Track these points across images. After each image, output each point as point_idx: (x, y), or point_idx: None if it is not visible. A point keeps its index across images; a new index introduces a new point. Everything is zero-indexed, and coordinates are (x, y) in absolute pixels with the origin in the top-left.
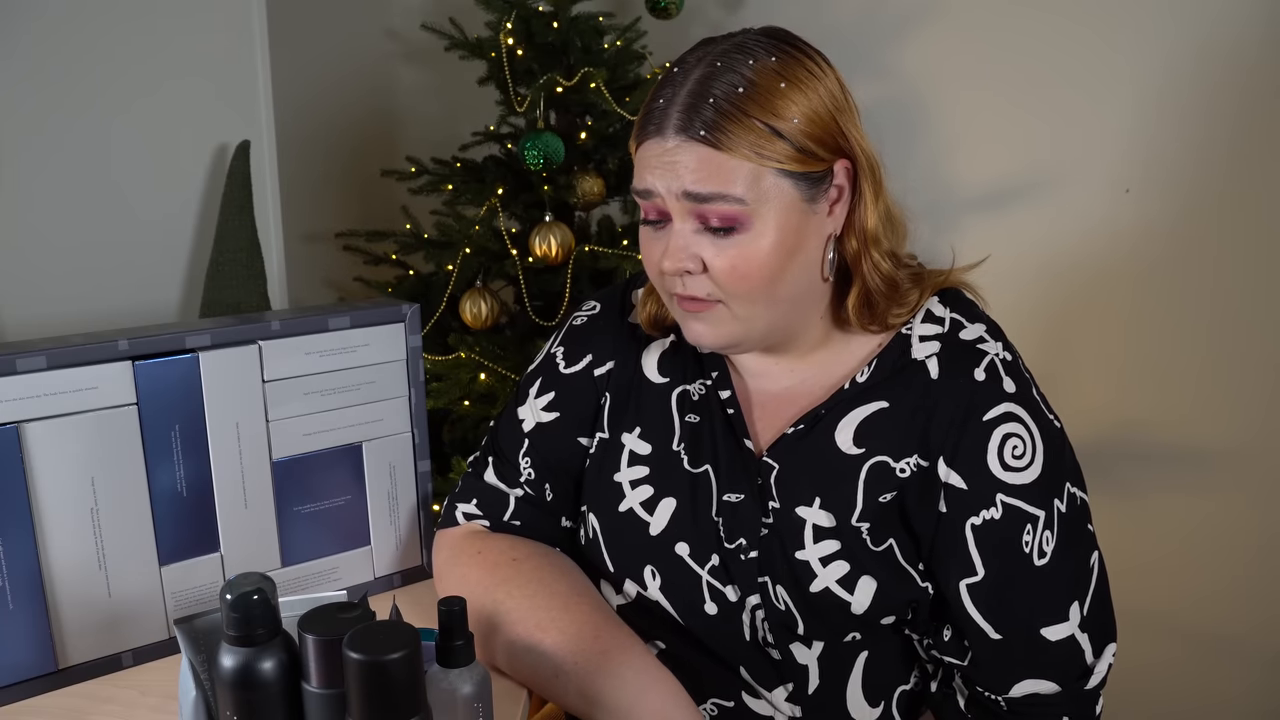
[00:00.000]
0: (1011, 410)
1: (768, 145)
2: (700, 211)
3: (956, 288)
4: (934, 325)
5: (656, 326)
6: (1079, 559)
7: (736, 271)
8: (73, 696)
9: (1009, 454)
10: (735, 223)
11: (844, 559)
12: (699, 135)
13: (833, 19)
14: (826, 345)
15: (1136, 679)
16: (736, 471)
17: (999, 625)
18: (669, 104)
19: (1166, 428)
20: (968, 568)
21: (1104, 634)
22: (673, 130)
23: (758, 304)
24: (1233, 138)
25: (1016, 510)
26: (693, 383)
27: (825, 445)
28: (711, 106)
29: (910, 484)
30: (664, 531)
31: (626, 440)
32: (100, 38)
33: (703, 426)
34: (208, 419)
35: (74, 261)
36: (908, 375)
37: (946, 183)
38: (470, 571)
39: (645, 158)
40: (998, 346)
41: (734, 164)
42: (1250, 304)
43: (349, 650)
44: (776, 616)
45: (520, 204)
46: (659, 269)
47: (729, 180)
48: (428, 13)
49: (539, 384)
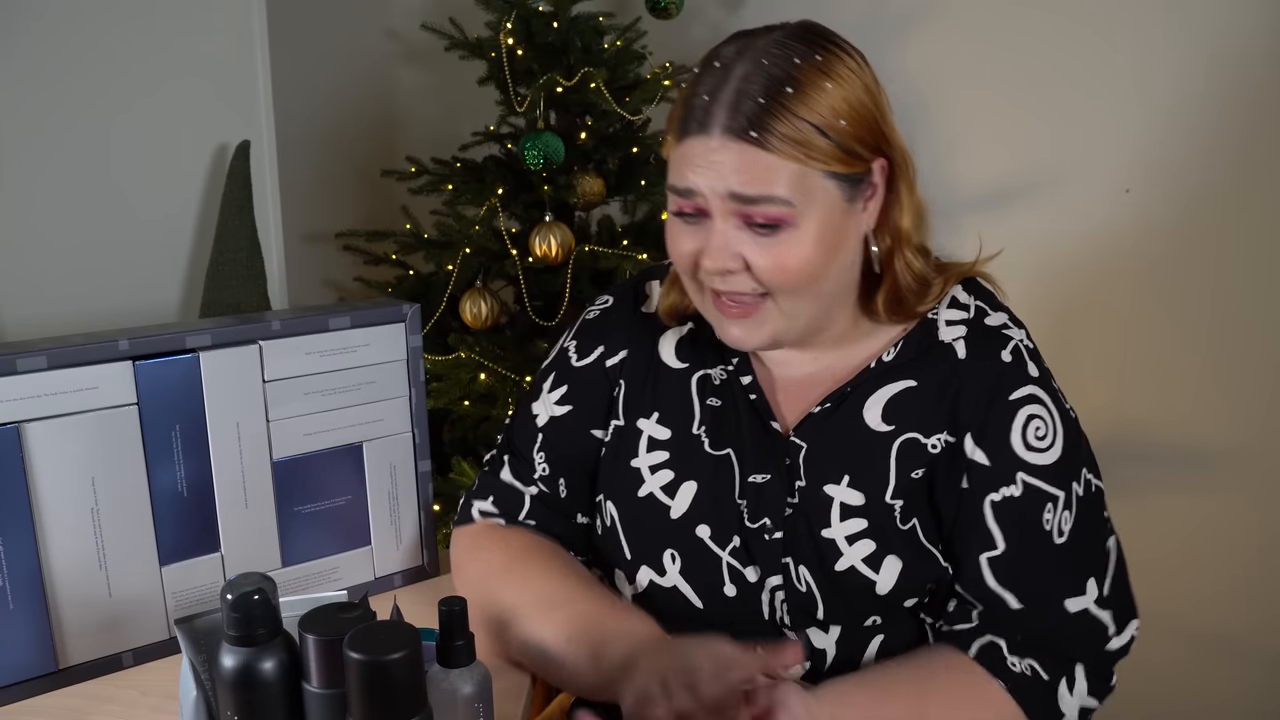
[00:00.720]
0: (1035, 393)
1: (815, 146)
2: (744, 212)
3: (978, 278)
4: (960, 311)
5: (676, 317)
6: (1097, 540)
7: (780, 268)
8: (73, 696)
9: (1032, 434)
10: (780, 222)
11: (870, 537)
12: (748, 136)
13: (833, 19)
14: (851, 335)
15: (1136, 679)
16: (762, 452)
17: (1020, 596)
18: (713, 101)
19: (1166, 428)
20: (988, 542)
21: (1126, 611)
22: (719, 129)
23: (803, 299)
24: (1233, 137)
25: (1036, 490)
26: (713, 367)
27: (854, 423)
28: (760, 106)
29: (940, 460)
30: (685, 514)
31: (644, 426)
32: (100, 38)
33: (725, 410)
34: (208, 419)
35: (74, 261)
36: (934, 356)
37: (947, 183)
38: (494, 556)
39: (687, 155)
40: (1021, 334)
41: (780, 165)
42: (1250, 304)
43: (350, 650)
44: (797, 599)
45: (520, 204)
46: (692, 263)
47: (775, 181)
48: (428, 13)
49: (553, 378)
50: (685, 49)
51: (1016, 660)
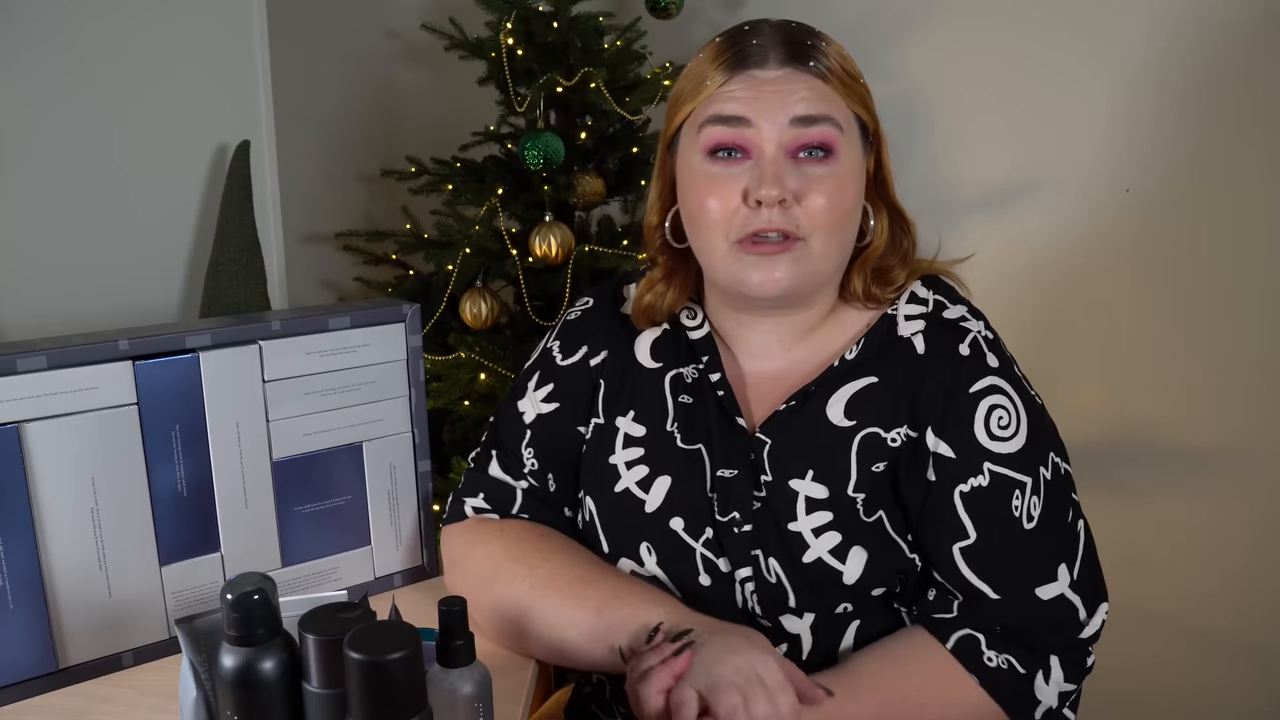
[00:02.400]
0: (995, 383)
1: (854, 90)
2: (803, 137)
3: (938, 274)
4: (918, 305)
5: (650, 320)
6: (1066, 523)
7: (831, 203)
8: (73, 696)
9: (995, 424)
10: (831, 148)
11: (836, 529)
12: (808, 66)
13: (832, 19)
14: (826, 320)
15: (1137, 679)
16: (730, 448)
17: (996, 586)
18: (766, 44)
19: (1166, 428)
20: (959, 532)
21: (1096, 593)
22: (777, 62)
23: (834, 241)
24: (1234, 138)
25: (1004, 478)
26: (685, 366)
27: (817, 419)
28: (813, 46)
29: (901, 453)
30: (659, 508)
31: (621, 424)
32: (100, 37)
33: (696, 407)
34: (208, 419)
35: (74, 261)
36: (895, 352)
37: (947, 182)
38: (496, 547)
39: (736, 90)
40: (980, 325)
41: (834, 96)
42: (1251, 304)
43: (349, 650)
44: (766, 590)
45: (520, 204)
46: (728, 210)
47: (833, 108)
48: (428, 13)
49: (537, 377)
50: (685, 49)
51: (994, 655)
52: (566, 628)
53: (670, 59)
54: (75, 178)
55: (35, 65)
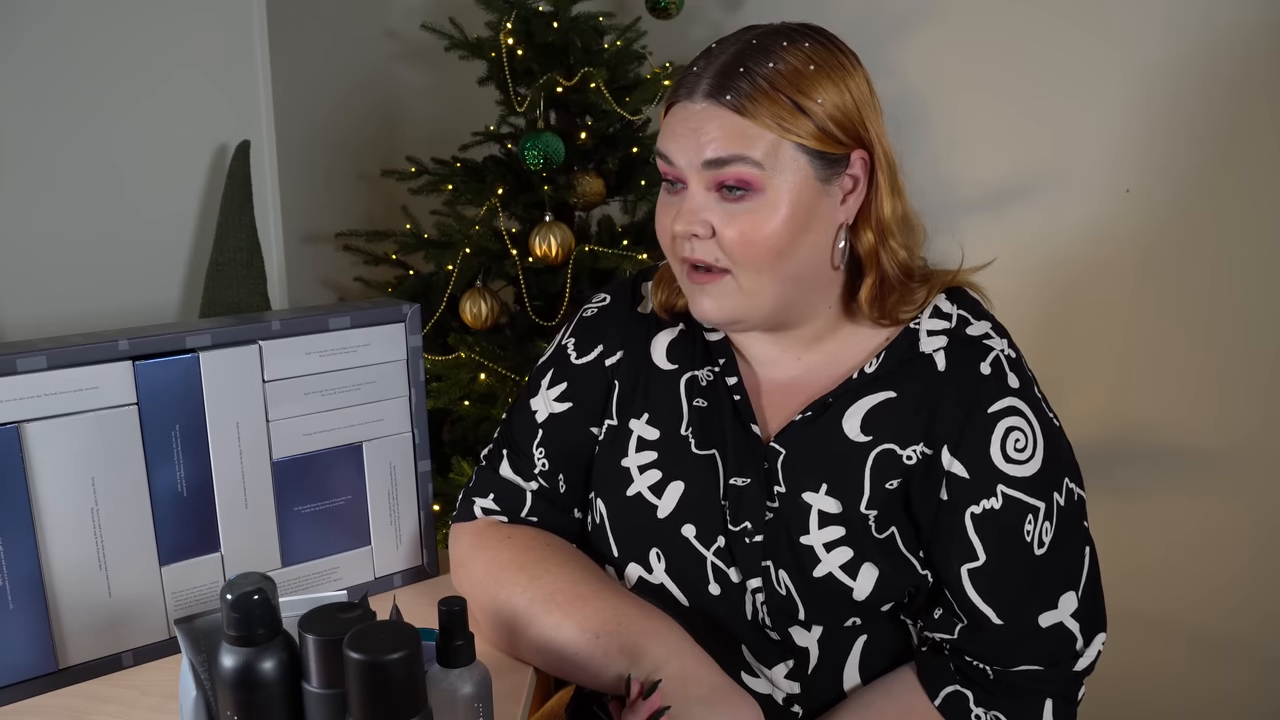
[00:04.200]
0: (1014, 405)
1: (791, 119)
2: (717, 177)
3: (963, 287)
4: (942, 321)
5: (668, 312)
6: (1074, 551)
7: (744, 239)
8: (73, 696)
9: (1011, 447)
10: (749, 186)
11: (848, 545)
12: (725, 100)
13: (832, 19)
14: (834, 336)
15: (1137, 679)
16: (744, 456)
17: (1000, 611)
18: (702, 72)
19: (1166, 428)
20: (969, 553)
21: (1095, 623)
22: (702, 95)
23: (763, 276)
24: (1233, 136)
25: (1017, 501)
26: (701, 369)
27: (832, 432)
28: (743, 76)
29: (915, 471)
30: (671, 514)
31: (634, 426)
32: (100, 38)
33: (711, 411)
34: (208, 419)
35: (74, 261)
36: (915, 367)
37: (947, 183)
38: (501, 553)
39: (671, 122)
40: (1003, 344)
41: (756, 131)
42: (1251, 303)
43: (349, 650)
44: (776, 601)
45: (520, 204)
46: (670, 232)
47: (749, 145)
48: (428, 13)
49: (551, 375)
50: (685, 49)
51: (982, 713)
52: (564, 646)
53: (670, 59)
54: (75, 178)
55: (35, 65)
